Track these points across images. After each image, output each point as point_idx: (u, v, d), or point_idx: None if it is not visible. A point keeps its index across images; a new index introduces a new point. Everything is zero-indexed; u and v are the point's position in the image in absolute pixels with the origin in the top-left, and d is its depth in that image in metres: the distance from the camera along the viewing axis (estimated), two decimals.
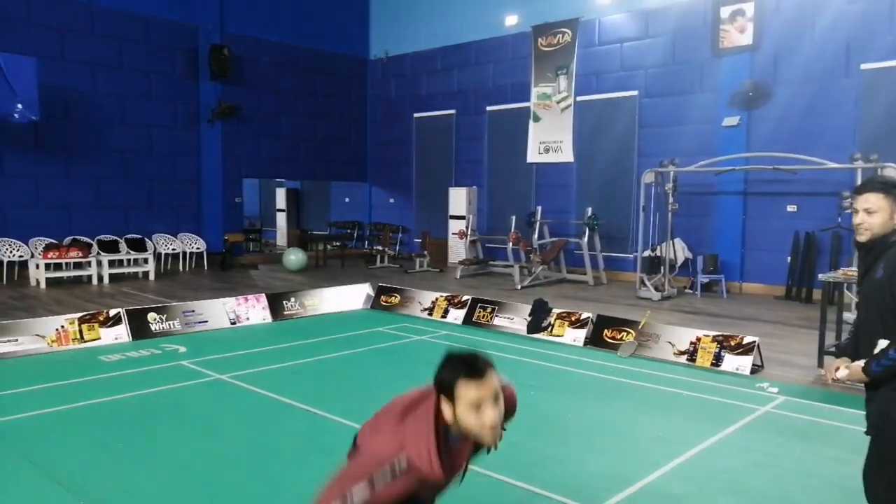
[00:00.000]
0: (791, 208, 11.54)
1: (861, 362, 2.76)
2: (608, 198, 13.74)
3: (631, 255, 13.08)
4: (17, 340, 7.34)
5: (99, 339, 7.81)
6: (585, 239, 12.89)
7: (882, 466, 2.74)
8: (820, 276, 7.35)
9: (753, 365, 6.76)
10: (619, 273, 13.49)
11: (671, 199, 11.50)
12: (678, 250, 12.16)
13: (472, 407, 2.07)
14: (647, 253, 11.92)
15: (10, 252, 12.47)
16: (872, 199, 2.76)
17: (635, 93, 13.43)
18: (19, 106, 11.59)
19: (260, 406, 5.78)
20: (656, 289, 11.21)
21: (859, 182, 9.82)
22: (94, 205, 13.83)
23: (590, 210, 13.18)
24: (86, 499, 3.93)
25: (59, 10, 13.13)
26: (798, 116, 11.44)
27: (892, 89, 10.57)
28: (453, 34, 16.48)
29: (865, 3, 10.81)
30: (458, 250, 15.43)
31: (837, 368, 2.89)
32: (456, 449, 2.20)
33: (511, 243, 13.33)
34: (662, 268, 11.58)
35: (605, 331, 7.84)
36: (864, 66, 10.82)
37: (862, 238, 2.83)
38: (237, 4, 15.71)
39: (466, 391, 2.08)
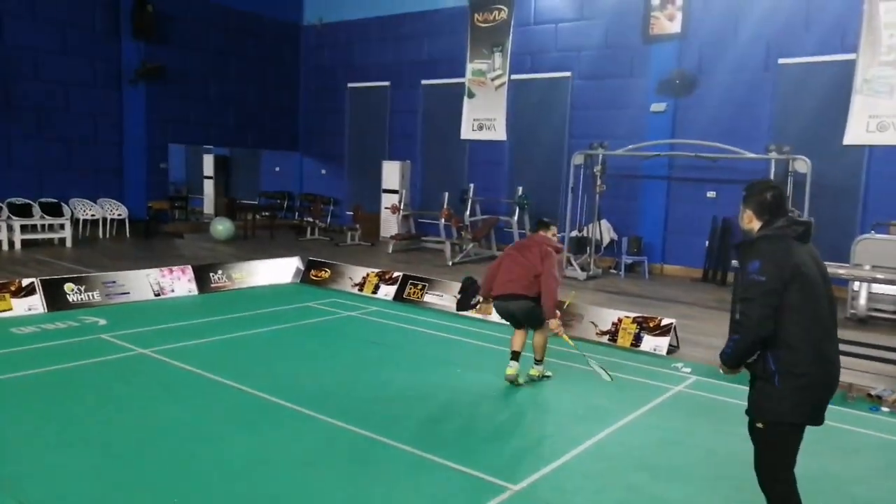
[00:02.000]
0: (710, 194, 12.06)
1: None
2: (539, 177, 13.98)
3: (559, 235, 13.38)
4: None
5: (10, 309, 7.46)
6: (515, 217, 13.11)
7: (756, 453, 3.09)
8: (733, 261, 7.76)
9: (670, 345, 7.12)
10: None
11: (599, 182, 11.83)
12: (604, 231, 12.54)
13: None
14: (574, 233, 12.24)
15: None
16: (741, 206, 3.18)
17: (569, 74, 13.64)
18: None
19: (184, 382, 5.69)
20: (582, 268, 11.55)
21: (772, 172, 10.41)
22: (4, 164, 13.05)
23: (520, 189, 13.39)
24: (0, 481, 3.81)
25: None
26: (720, 106, 11.91)
27: (807, 84, 11.14)
28: (390, 4, 16.25)
29: (788, 1, 11.29)
30: (390, 225, 15.41)
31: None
32: None
33: (443, 219, 13.42)
34: (589, 248, 11.94)
35: None
36: (781, 61, 11.34)
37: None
38: None
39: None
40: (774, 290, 2.85)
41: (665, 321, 7.22)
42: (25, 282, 7.75)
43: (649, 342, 7.13)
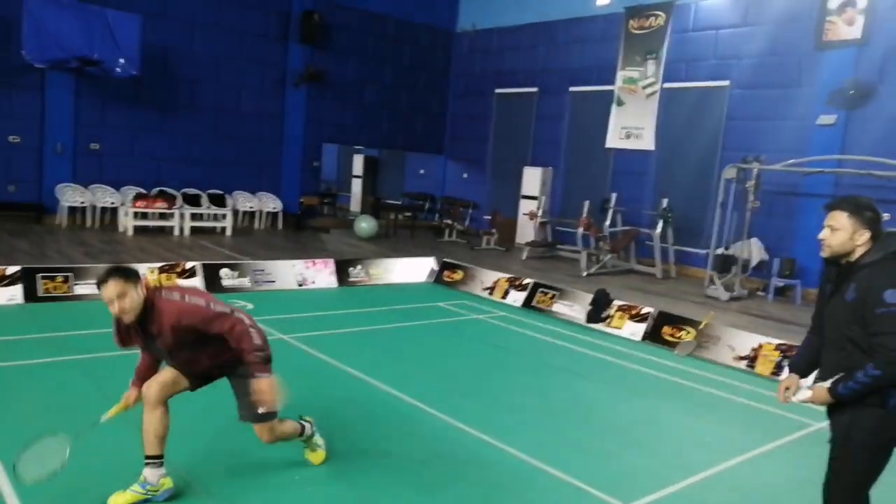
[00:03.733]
0: (884, 216, 10.88)
1: (827, 384, 2.79)
2: (687, 190, 13.33)
3: (704, 252, 12.69)
4: None
5: None
6: (658, 230, 12.59)
7: (842, 475, 2.81)
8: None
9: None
10: (690, 268, 13.13)
11: (752, 197, 11.07)
12: (754, 250, 11.72)
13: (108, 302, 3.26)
14: (720, 250, 11.54)
15: (104, 198, 13.28)
16: (837, 217, 2.83)
17: (727, 83, 12.89)
18: (122, 61, 12.23)
19: (317, 369, 6.02)
20: (726, 288, 10.87)
21: None
22: (183, 159, 14.51)
23: (665, 201, 12.84)
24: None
25: None
26: None
27: None
28: (543, 10, 16.20)
29: None
30: (526, 231, 15.37)
31: (788, 388, 2.98)
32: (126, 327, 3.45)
33: (581, 228, 13.16)
34: (735, 267, 11.21)
35: (665, 327, 7.70)
36: None
37: (824, 254, 2.91)
38: None
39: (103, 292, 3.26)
40: None
41: None
42: (188, 265, 8.58)
43: None
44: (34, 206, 12.79)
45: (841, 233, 2.81)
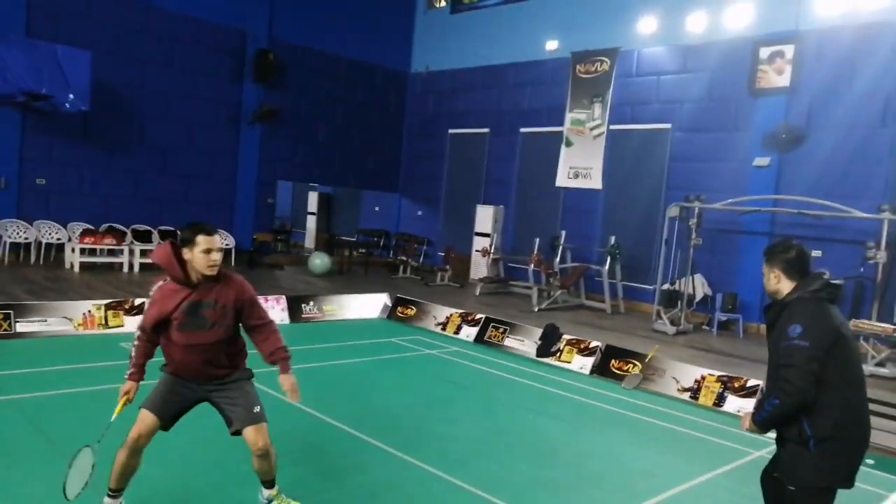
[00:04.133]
0: (816, 253, 11.43)
1: (751, 412, 3.12)
2: (633, 228, 13.78)
3: (651, 287, 13.07)
4: (46, 321, 7.70)
5: (122, 326, 8.14)
6: (606, 267, 12.94)
7: None
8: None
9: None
10: (638, 303, 13.50)
11: (694, 235, 11.52)
12: (698, 286, 12.14)
13: (205, 251, 3.42)
14: (666, 286, 11.93)
15: (50, 234, 12.97)
16: (764, 264, 3.15)
17: (669, 126, 13.48)
18: (71, 96, 12.10)
19: (268, 405, 5.96)
20: (672, 322, 11.21)
21: (885, 232, 9.80)
22: (132, 195, 14.30)
23: (613, 238, 13.23)
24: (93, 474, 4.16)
25: (117, 8, 13.69)
26: (830, 162, 11.38)
27: None
28: (495, 54, 16.72)
29: None
30: (480, 267, 15.58)
31: (745, 416, 3.18)
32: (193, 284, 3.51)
33: (532, 265, 13.42)
34: (680, 302, 11.58)
35: (613, 361, 7.91)
36: None
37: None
38: (286, 12, 16.16)
39: (203, 240, 3.42)
40: (817, 357, 2.81)
41: (752, 382, 6.90)
42: (137, 301, 8.44)
43: (733, 403, 6.83)
44: None
45: (766, 278, 3.13)
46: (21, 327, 7.50)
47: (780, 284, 3.06)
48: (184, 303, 3.49)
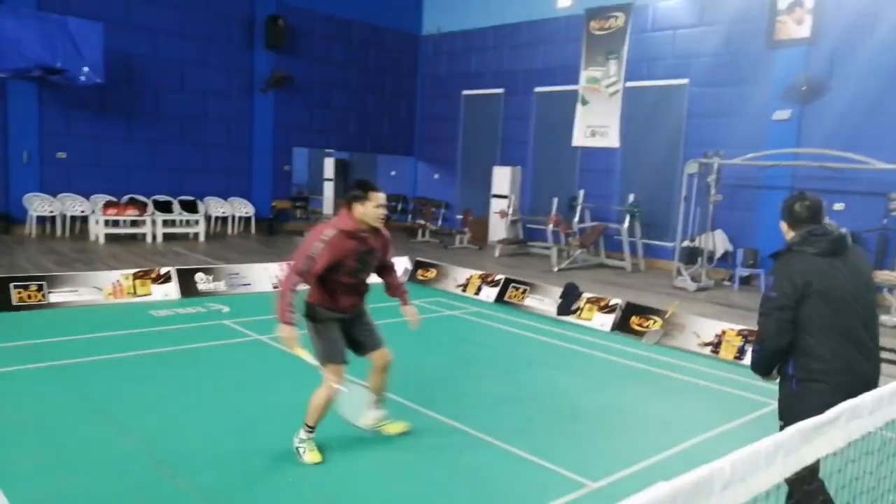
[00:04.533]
0: (838, 206, 11.32)
1: None
2: (652, 185, 13.69)
3: (671, 244, 13.05)
4: (76, 291, 7.90)
5: (150, 294, 8.33)
6: (626, 225, 12.92)
7: None
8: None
9: None
10: (658, 261, 13.49)
11: (713, 191, 11.44)
12: (718, 242, 12.10)
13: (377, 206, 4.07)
14: (686, 243, 11.90)
15: (74, 207, 13.18)
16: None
17: (686, 81, 13.28)
18: (86, 69, 12.16)
19: (293, 368, 6.11)
20: (693, 279, 11.22)
21: None
22: (152, 166, 14.45)
23: (632, 197, 13.18)
24: (132, 435, 4.35)
25: None
26: (851, 114, 11.16)
27: None
28: (506, 13, 16.47)
29: None
30: (498, 229, 15.60)
31: None
32: (361, 235, 4.09)
33: (551, 225, 13.44)
34: (700, 259, 11.57)
35: (633, 318, 7.98)
36: None
37: None
38: None
39: (375, 196, 4.05)
40: (786, 306, 2.96)
41: None
42: (163, 270, 8.62)
43: None
44: (2, 217, 12.65)
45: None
46: (53, 297, 7.71)
47: (788, 235, 3.19)
48: (357, 251, 4.08)
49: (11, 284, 7.57)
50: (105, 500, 3.56)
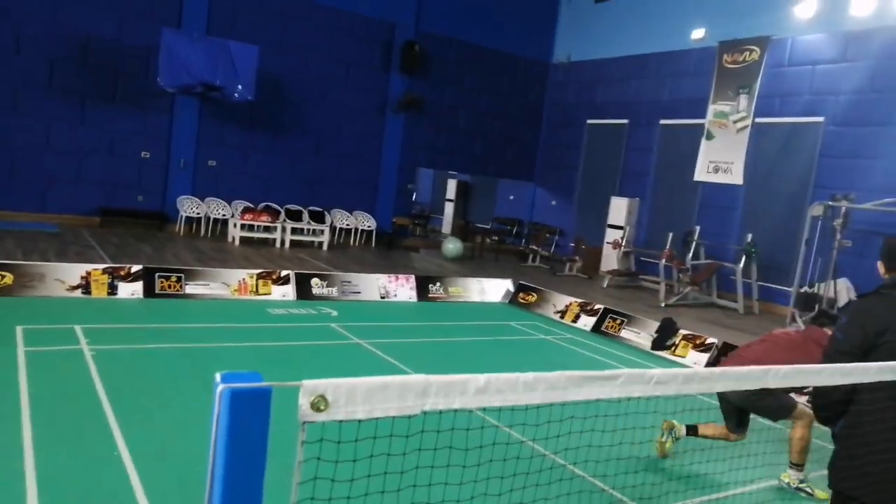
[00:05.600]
0: None
1: None
2: (774, 226, 13.13)
3: (789, 289, 12.44)
4: (208, 285, 8.88)
5: (270, 294, 9.18)
6: (741, 265, 12.48)
7: None
8: None
9: None
10: (775, 305, 12.88)
11: (839, 236, 10.84)
12: (842, 290, 11.40)
13: None
14: (804, 288, 11.33)
15: (217, 210, 14.64)
16: None
17: (821, 119, 12.68)
18: (240, 87, 13.55)
19: (385, 370, 6.62)
20: None
21: None
22: (289, 176, 15.74)
23: (750, 236, 12.72)
24: None
25: (282, 6, 15.07)
26: None
27: None
28: (639, 44, 16.44)
29: None
30: (610, 259, 15.51)
31: None
32: None
33: (664, 259, 13.23)
34: (818, 306, 10.96)
35: None
36: None
37: None
38: (433, 4, 16.90)
39: None
40: (847, 352, 2.66)
41: None
42: (283, 273, 9.47)
43: None
44: (158, 215, 14.30)
45: None
46: (189, 289, 8.73)
47: (884, 276, 2.87)
48: None
49: (156, 275, 8.65)
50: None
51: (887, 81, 11.82)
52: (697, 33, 14.97)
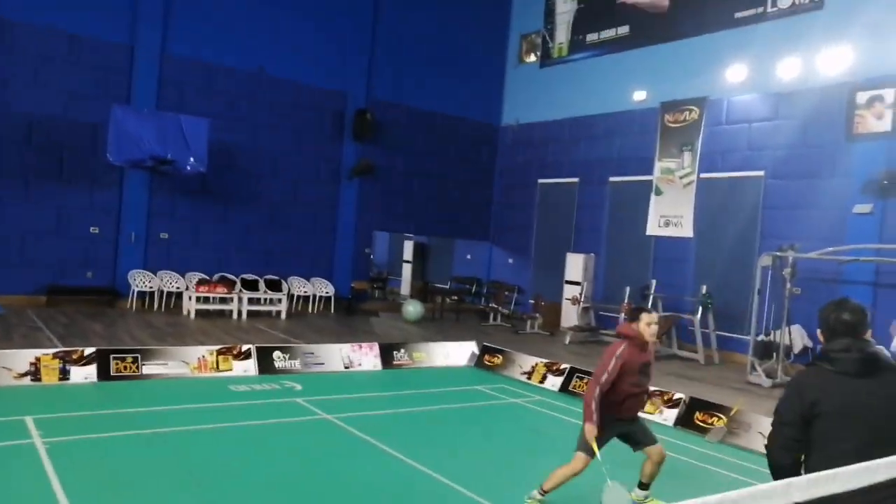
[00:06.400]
0: None
1: None
2: (727, 276, 13.52)
3: (747, 337, 12.73)
4: (166, 364, 8.58)
5: (231, 370, 8.92)
6: (698, 316, 12.75)
7: None
8: None
9: None
10: (734, 354, 13.14)
11: (789, 284, 11.21)
12: (796, 337, 11.73)
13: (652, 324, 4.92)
14: (760, 337, 11.61)
15: (170, 283, 14.28)
16: None
17: (761, 173, 13.27)
18: (192, 160, 13.44)
19: (359, 448, 6.44)
20: (768, 375, 10.88)
21: None
22: (243, 246, 15.53)
23: (704, 288, 13.04)
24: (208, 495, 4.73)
25: (233, 79, 15.18)
26: None
27: None
28: (584, 106, 17.03)
29: None
30: (570, 315, 15.64)
31: None
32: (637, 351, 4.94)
33: (623, 314, 13.40)
34: (776, 354, 11.24)
35: (697, 413, 7.87)
36: None
37: None
38: (383, 73, 17.27)
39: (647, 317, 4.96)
40: (789, 423, 2.80)
41: None
42: (244, 347, 9.23)
43: None
44: (108, 291, 13.85)
45: None
46: (146, 369, 8.41)
47: (824, 343, 2.99)
48: (641, 362, 4.94)
49: (111, 356, 8.32)
50: None
51: (816, 137, 12.50)
52: (639, 95, 15.63)
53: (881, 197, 11.42)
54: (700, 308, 12.81)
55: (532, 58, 18.93)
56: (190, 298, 13.54)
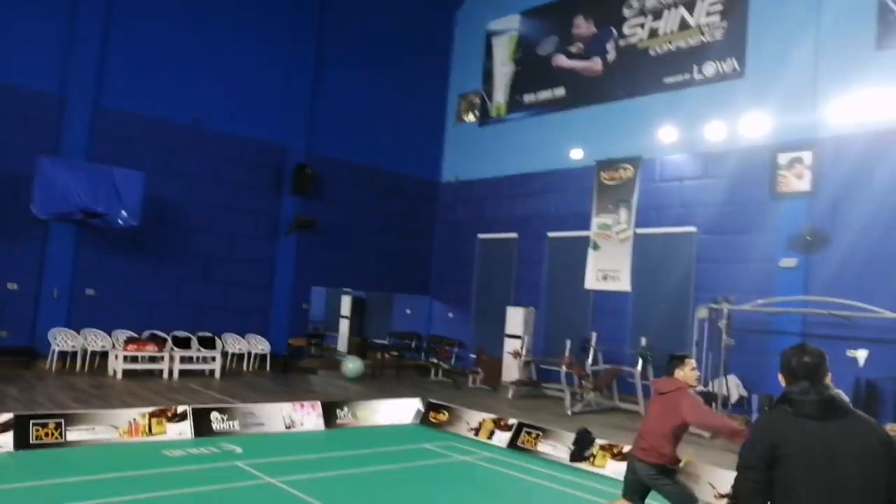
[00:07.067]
0: (860, 354, 11.31)
1: None
2: (664, 329, 13.82)
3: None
4: (93, 429, 7.99)
5: (165, 433, 8.38)
6: (639, 368, 12.92)
7: None
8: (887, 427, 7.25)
9: None
10: None
11: (725, 336, 11.55)
12: (732, 387, 12.01)
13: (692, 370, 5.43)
14: (699, 388, 11.83)
15: (95, 342, 13.49)
16: None
17: (693, 229, 13.79)
18: (124, 213, 12.92)
19: None
20: None
21: None
22: (174, 303, 14.89)
23: (644, 340, 13.28)
24: None
25: (168, 132, 14.82)
26: (858, 263, 11.46)
27: None
28: (522, 163, 17.42)
29: None
30: (512, 369, 15.60)
31: None
32: None
33: (565, 367, 13.45)
34: (714, 404, 11.45)
35: None
36: None
37: None
38: (324, 128, 17.24)
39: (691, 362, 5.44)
40: (752, 467, 2.83)
41: None
42: (180, 409, 8.73)
43: None
44: (25, 351, 12.94)
45: None
46: (71, 436, 7.80)
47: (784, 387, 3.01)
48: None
49: (31, 422, 7.69)
50: None
51: (743, 195, 13.14)
52: (576, 153, 16.10)
53: (805, 252, 12.02)
54: (640, 360, 12.99)
55: (471, 117, 19.35)
56: (117, 357, 12.81)
